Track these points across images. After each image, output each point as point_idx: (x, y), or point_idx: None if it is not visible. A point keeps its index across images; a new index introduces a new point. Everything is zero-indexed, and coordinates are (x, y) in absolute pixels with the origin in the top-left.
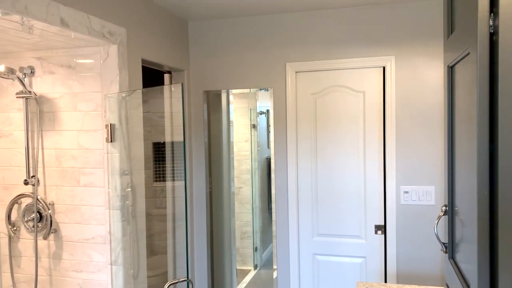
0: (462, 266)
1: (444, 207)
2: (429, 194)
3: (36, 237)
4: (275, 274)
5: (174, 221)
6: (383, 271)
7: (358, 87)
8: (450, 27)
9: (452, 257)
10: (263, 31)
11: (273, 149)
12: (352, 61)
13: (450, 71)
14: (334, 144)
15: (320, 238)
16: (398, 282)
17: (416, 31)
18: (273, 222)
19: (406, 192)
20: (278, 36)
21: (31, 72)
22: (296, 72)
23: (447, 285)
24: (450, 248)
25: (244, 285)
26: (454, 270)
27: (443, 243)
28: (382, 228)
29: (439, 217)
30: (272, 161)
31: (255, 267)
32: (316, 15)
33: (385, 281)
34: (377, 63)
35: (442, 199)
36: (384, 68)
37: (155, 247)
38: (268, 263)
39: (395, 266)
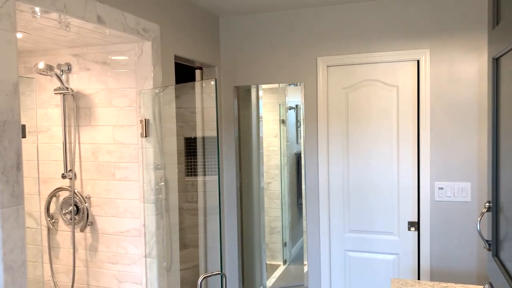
0: (509, 264)
1: (487, 204)
2: (464, 191)
3: (74, 229)
4: (305, 270)
5: (205, 215)
6: (416, 268)
7: (392, 81)
8: (496, 17)
9: (496, 255)
10: (294, 26)
11: (303, 144)
12: (385, 54)
13: (496, 63)
14: (366, 139)
15: (351, 234)
16: (432, 280)
17: (452, 24)
18: (304, 218)
19: (441, 188)
20: (309, 30)
21: (68, 68)
22: (327, 66)
23: (490, 284)
24: (494, 245)
25: (274, 279)
26: (499, 268)
27: (486, 241)
28: (415, 225)
29: (482, 214)
30: (303, 156)
31: (284, 262)
32: (348, 8)
33: (418, 279)
34: (411, 57)
35: (479, 196)
36: (418, 61)
37: (186, 240)
38: (297, 259)
39: (429, 264)
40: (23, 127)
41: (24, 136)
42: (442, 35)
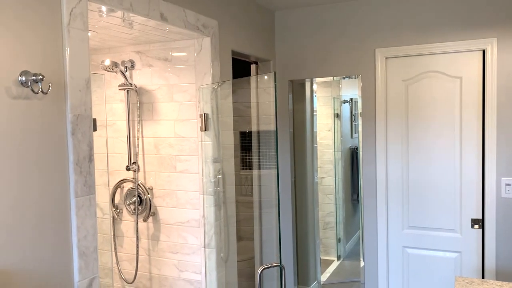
0: None
1: None
2: None
3: (137, 219)
4: (361, 265)
5: (260, 208)
6: (480, 267)
7: (454, 72)
8: None
9: None
10: (350, 17)
11: (360, 138)
12: (447, 45)
13: None
14: (427, 132)
15: (410, 230)
16: (497, 279)
17: None
18: (361, 213)
19: (508, 184)
20: (366, 22)
21: (132, 65)
22: (386, 58)
23: None
24: None
25: (328, 275)
26: None
27: None
28: (479, 222)
29: None
30: (360, 151)
31: (338, 257)
32: None
33: (483, 278)
34: (475, 47)
35: None
36: (484, 51)
37: (241, 233)
38: (351, 254)
39: (494, 263)
40: (94, 121)
41: (95, 129)
42: (510, 23)
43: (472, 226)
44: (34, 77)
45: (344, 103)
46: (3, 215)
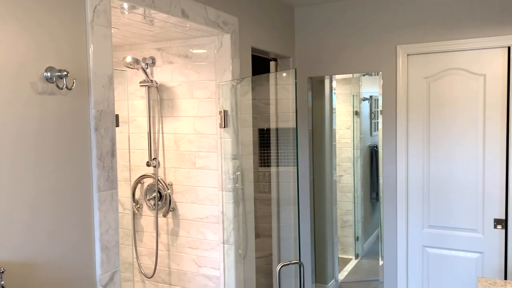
0: None
1: None
2: None
3: (157, 214)
4: (379, 264)
5: (278, 205)
6: (502, 268)
7: (478, 69)
8: None
9: None
10: (371, 14)
11: (381, 136)
12: (471, 41)
13: None
14: (449, 131)
15: (430, 230)
16: None
17: None
18: (380, 212)
19: None
20: (387, 18)
21: (152, 62)
22: (407, 54)
23: None
24: None
25: (346, 273)
26: None
27: None
28: (502, 223)
29: None
30: (380, 149)
31: (356, 256)
32: None
33: (505, 279)
34: (500, 43)
35: None
36: (509, 48)
37: (258, 229)
38: (369, 253)
39: None
40: (117, 116)
41: (117, 125)
42: None
43: (495, 227)
44: (59, 73)
45: (364, 100)
46: (29, 208)
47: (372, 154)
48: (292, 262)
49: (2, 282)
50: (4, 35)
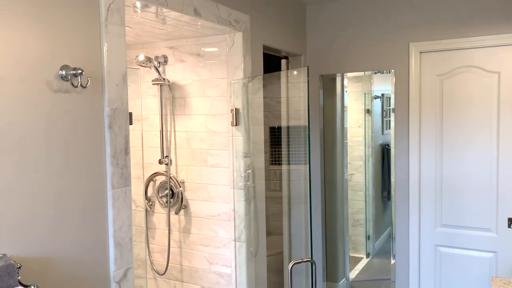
0: None
1: None
2: None
3: (169, 212)
4: (391, 263)
5: (289, 203)
6: None
7: (492, 67)
8: None
9: None
10: (384, 11)
11: (393, 135)
12: (485, 38)
13: None
14: (462, 129)
15: (443, 229)
16: None
17: None
18: (392, 211)
19: None
20: (400, 16)
21: (165, 60)
22: (420, 52)
23: None
24: None
25: (357, 272)
26: None
27: None
28: None
29: None
30: (392, 148)
31: (367, 255)
32: None
33: None
34: None
35: None
36: None
37: (269, 227)
38: (381, 252)
39: None
40: (130, 114)
41: (131, 123)
42: None
43: (509, 226)
44: (73, 71)
45: (376, 98)
46: (44, 205)
47: (384, 153)
48: (304, 260)
49: (19, 277)
50: (20, 34)
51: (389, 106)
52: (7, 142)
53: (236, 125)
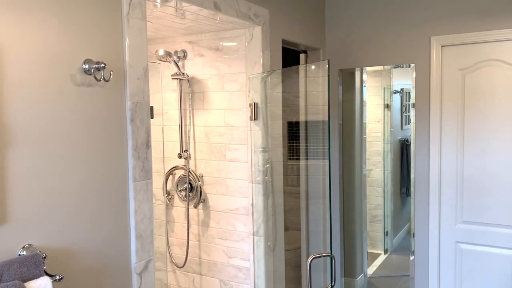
0: None
1: None
2: None
3: (188, 205)
4: (410, 259)
5: (307, 198)
6: None
7: None
8: None
9: None
10: (404, 4)
11: (413, 130)
12: (509, 31)
13: None
14: (485, 124)
15: (464, 225)
16: None
17: None
18: (412, 207)
19: None
20: (422, 9)
21: (184, 55)
22: (442, 46)
23: None
24: None
25: (375, 268)
26: None
27: None
28: None
29: None
30: (412, 143)
31: (385, 251)
32: None
33: None
34: None
35: None
36: None
37: (287, 222)
38: (399, 249)
39: None
40: (151, 108)
41: (152, 116)
42: None
43: None
44: (96, 65)
45: (395, 93)
46: (68, 196)
47: (403, 148)
48: (324, 254)
49: (45, 267)
50: (44, 28)
51: (409, 101)
52: (33, 135)
53: (254, 119)
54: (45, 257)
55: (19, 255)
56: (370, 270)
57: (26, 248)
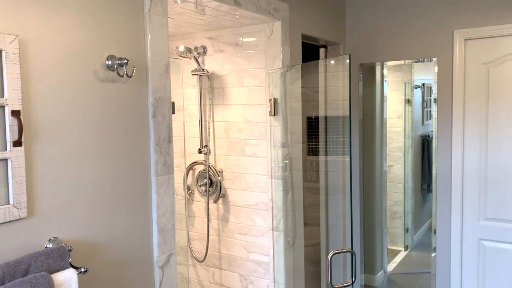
0: None
1: None
2: None
3: (208, 200)
4: (431, 256)
5: (326, 194)
6: None
7: None
8: None
9: None
10: None
11: (435, 126)
12: None
13: None
14: (510, 119)
15: (487, 222)
16: None
17: None
18: (433, 203)
19: None
20: (444, 2)
21: (204, 51)
22: (465, 39)
23: None
24: None
25: (395, 265)
26: None
27: None
28: None
29: None
30: (434, 139)
31: (406, 248)
32: None
33: None
34: None
35: None
36: None
37: (306, 218)
38: (419, 245)
39: None
40: (173, 104)
41: (173, 112)
42: None
43: None
44: (119, 61)
45: (416, 88)
46: (93, 190)
47: (424, 144)
48: (344, 250)
49: (70, 260)
50: (68, 24)
51: (430, 95)
52: (58, 130)
53: (274, 115)
54: (70, 250)
55: (46, 247)
56: (390, 267)
57: (52, 240)
